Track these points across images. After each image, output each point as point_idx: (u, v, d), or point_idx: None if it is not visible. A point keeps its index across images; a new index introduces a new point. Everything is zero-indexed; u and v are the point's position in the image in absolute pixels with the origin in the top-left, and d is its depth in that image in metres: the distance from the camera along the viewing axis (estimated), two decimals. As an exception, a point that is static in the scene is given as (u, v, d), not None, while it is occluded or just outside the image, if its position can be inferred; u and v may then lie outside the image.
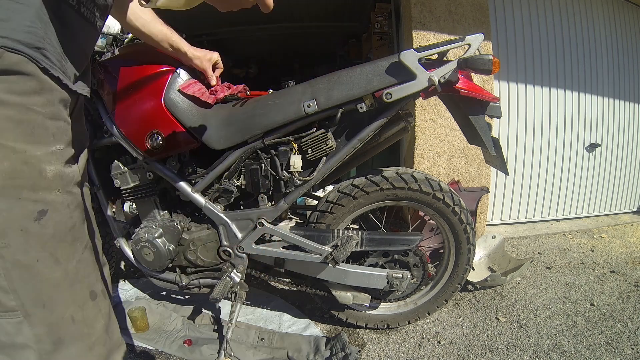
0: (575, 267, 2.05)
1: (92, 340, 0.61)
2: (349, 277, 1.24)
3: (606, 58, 2.73)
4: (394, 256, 1.29)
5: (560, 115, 2.66)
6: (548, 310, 1.60)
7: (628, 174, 2.99)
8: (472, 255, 1.37)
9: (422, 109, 2.11)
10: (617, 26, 2.75)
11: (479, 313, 1.58)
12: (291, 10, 3.37)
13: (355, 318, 1.43)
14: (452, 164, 2.19)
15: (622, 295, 1.72)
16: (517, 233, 2.59)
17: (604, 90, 2.75)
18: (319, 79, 1.10)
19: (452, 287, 1.41)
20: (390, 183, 1.22)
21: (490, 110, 1.09)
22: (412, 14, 2.01)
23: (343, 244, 1.16)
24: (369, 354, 1.34)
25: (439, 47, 1.03)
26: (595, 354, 1.31)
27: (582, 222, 2.82)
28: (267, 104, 1.11)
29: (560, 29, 2.58)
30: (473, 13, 2.08)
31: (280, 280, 1.39)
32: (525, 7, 2.50)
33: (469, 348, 1.36)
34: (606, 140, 2.83)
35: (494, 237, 1.97)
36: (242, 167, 1.17)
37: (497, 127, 2.51)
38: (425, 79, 1.02)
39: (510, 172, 2.60)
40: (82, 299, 0.60)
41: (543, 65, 2.56)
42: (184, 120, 1.14)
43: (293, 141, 1.12)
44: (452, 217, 1.29)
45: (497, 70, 0.96)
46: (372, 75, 1.05)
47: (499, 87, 2.47)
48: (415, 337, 1.43)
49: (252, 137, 1.13)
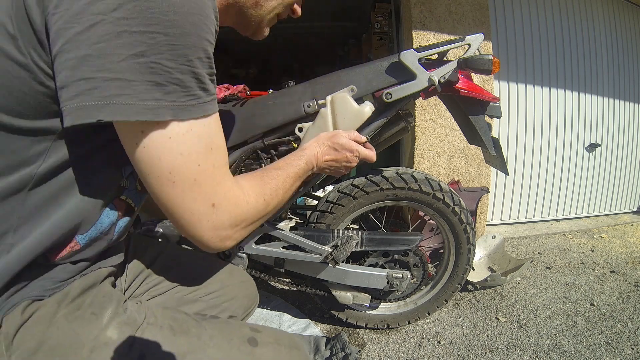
0: (575, 267, 2.05)
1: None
2: (349, 277, 1.24)
3: (606, 58, 2.73)
4: (394, 256, 1.29)
5: (560, 115, 2.66)
6: (548, 310, 1.60)
7: (628, 174, 2.99)
8: (472, 255, 1.37)
9: (422, 109, 2.11)
10: (617, 26, 2.75)
11: (479, 313, 1.58)
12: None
13: (355, 318, 1.43)
14: (452, 164, 2.19)
15: (622, 295, 1.72)
16: (517, 233, 2.59)
17: (604, 90, 2.75)
18: (319, 79, 1.10)
19: (452, 287, 1.41)
20: (390, 183, 1.22)
21: (490, 110, 1.09)
22: (412, 14, 2.01)
23: (343, 244, 1.16)
24: (369, 354, 1.34)
25: (439, 47, 1.03)
26: (595, 354, 1.31)
27: (582, 222, 2.82)
28: (267, 104, 1.11)
29: (560, 29, 2.58)
30: (473, 13, 2.08)
31: (280, 280, 1.39)
32: (525, 7, 2.50)
33: (469, 348, 1.36)
34: (606, 140, 2.83)
35: (494, 237, 1.97)
36: (242, 167, 1.17)
37: (497, 127, 2.51)
38: (425, 79, 1.02)
39: (510, 172, 2.60)
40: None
41: (543, 65, 2.56)
42: (184, 120, 1.13)
43: (293, 141, 1.12)
44: (452, 217, 1.29)
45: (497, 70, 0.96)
46: (372, 75, 1.05)
47: (499, 87, 2.47)
48: (415, 337, 1.43)
49: (252, 137, 1.12)
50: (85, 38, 0.35)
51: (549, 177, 2.74)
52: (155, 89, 0.37)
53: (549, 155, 2.69)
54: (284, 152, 1.13)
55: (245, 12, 0.57)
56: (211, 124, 0.43)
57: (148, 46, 0.36)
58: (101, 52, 0.35)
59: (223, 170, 0.45)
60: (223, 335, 0.56)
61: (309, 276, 1.28)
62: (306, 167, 0.71)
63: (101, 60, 0.35)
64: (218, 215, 0.44)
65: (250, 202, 0.49)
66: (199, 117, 0.41)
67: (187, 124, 0.40)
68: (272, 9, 0.59)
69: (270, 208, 0.55)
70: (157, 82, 0.37)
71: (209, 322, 0.58)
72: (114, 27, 0.34)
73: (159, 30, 0.36)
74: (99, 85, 0.35)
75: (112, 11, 0.34)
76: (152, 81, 0.37)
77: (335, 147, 0.79)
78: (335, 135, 0.82)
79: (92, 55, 0.35)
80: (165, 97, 0.38)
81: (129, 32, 0.35)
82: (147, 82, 0.36)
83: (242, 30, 0.62)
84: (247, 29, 0.61)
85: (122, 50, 0.35)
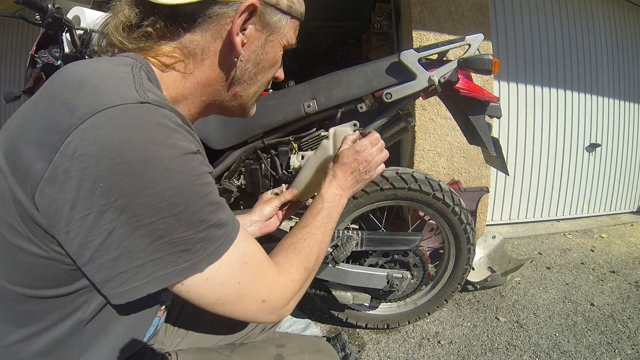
0: (575, 267, 2.05)
1: None
2: (349, 277, 1.24)
3: (606, 58, 2.73)
4: (394, 256, 1.29)
5: (560, 115, 2.66)
6: (548, 310, 1.60)
7: (628, 174, 2.99)
8: (472, 255, 1.37)
9: (422, 109, 2.11)
10: (617, 26, 2.75)
11: (479, 313, 1.58)
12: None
13: (355, 318, 1.43)
14: (452, 164, 2.19)
15: (622, 295, 1.72)
16: (517, 233, 2.59)
17: (604, 90, 2.75)
18: (319, 79, 1.10)
19: (452, 287, 1.41)
20: (390, 183, 1.22)
21: (490, 110, 1.09)
22: (412, 14, 2.01)
23: (343, 244, 1.16)
24: (369, 354, 1.34)
25: (439, 47, 1.03)
26: (595, 354, 1.31)
27: (582, 222, 2.82)
28: (267, 104, 1.11)
29: (560, 29, 2.58)
30: (473, 13, 2.08)
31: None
32: (526, 7, 2.50)
33: (469, 348, 1.36)
34: (606, 140, 2.83)
35: (494, 237, 1.97)
36: (242, 167, 1.17)
37: (497, 127, 2.51)
38: (425, 79, 1.02)
39: (510, 172, 2.60)
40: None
41: (543, 65, 2.56)
42: (184, 120, 1.14)
43: (293, 141, 1.12)
44: (452, 217, 1.29)
45: (497, 70, 0.96)
46: (372, 76, 1.05)
47: (499, 87, 2.47)
48: (415, 337, 1.43)
49: (252, 137, 1.13)
50: (109, 244, 0.39)
51: (549, 177, 2.74)
52: (185, 254, 0.42)
53: (549, 155, 2.69)
54: (284, 152, 1.13)
55: (226, 105, 0.59)
56: (238, 245, 0.47)
57: (163, 230, 0.40)
58: (127, 249, 0.39)
59: (262, 270, 0.49)
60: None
61: (309, 276, 1.28)
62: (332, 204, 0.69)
63: (131, 255, 0.40)
64: (271, 304, 0.49)
65: (295, 278, 0.53)
66: (227, 249, 0.45)
67: (218, 262, 0.44)
68: (254, 93, 0.60)
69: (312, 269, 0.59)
70: (183, 250, 0.41)
71: (238, 352, 0.64)
72: (129, 227, 0.39)
73: (166, 214, 0.40)
74: (137, 271, 0.40)
75: (120, 216, 0.38)
76: (179, 250, 0.41)
77: (344, 163, 0.75)
78: (337, 157, 0.79)
79: (121, 254, 0.39)
80: (195, 256, 0.42)
81: (143, 225, 0.39)
82: (175, 254, 0.41)
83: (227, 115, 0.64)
84: (232, 115, 0.63)
85: (144, 240, 0.40)
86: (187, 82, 0.52)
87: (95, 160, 0.37)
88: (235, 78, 0.55)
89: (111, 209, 0.38)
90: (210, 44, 0.51)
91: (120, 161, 0.38)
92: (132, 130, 0.39)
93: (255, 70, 0.57)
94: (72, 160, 0.37)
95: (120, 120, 0.39)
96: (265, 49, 0.56)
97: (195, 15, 0.48)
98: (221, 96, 0.57)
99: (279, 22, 0.55)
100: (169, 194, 0.40)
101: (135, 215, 0.39)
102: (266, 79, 0.60)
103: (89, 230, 0.38)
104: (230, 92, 0.57)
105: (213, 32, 0.50)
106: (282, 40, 0.57)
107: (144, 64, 0.47)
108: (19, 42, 3.32)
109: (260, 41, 0.54)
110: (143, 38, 0.49)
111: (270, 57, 0.57)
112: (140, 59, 0.48)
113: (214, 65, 0.52)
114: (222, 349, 0.67)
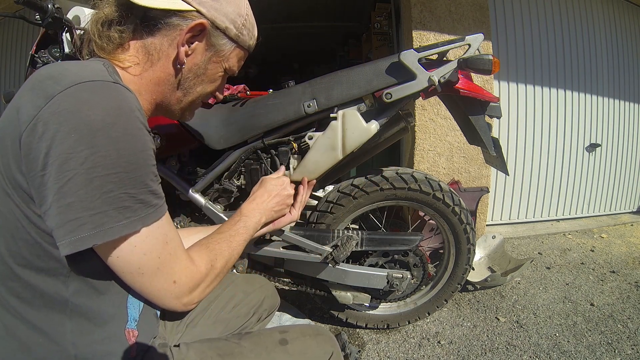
0: (575, 267, 2.05)
1: None
2: (349, 277, 1.24)
3: (606, 58, 2.73)
4: (394, 256, 1.29)
5: (560, 115, 2.66)
6: (548, 310, 1.60)
7: (628, 174, 2.99)
8: (472, 255, 1.37)
9: (422, 109, 2.11)
10: (617, 26, 2.75)
11: (479, 313, 1.58)
12: (291, 10, 3.37)
13: (355, 318, 1.43)
14: (452, 164, 2.19)
15: (622, 295, 1.72)
16: (517, 233, 2.59)
17: (604, 90, 2.75)
18: (318, 79, 1.10)
19: (452, 287, 1.41)
20: (390, 183, 1.22)
21: (490, 110, 1.09)
22: (412, 14, 2.01)
23: (343, 244, 1.16)
24: (369, 354, 1.34)
25: (439, 47, 1.03)
26: (595, 354, 1.31)
27: (582, 222, 2.82)
28: (267, 104, 1.11)
29: (560, 29, 2.58)
30: (473, 13, 2.08)
31: (280, 280, 1.39)
32: (526, 7, 2.50)
33: (469, 348, 1.36)
34: (606, 140, 2.83)
35: (494, 237, 1.97)
36: (242, 167, 1.17)
37: (497, 127, 2.51)
38: (425, 79, 1.02)
39: (510, 172, 2.60)
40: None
41: (543, 65, 2.56)
42: (184, 120, 1.14)
43: (293, 141, 1.12)
44: (452, 217, 1.29)
45: (497, 70, 0.96)
46: (372, 75, 1.05)
47: (499, 87, 2.47)
48: (415, 337, 1.43)
49: (252, 137, 1.12)
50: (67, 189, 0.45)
51: (549, 177, 2.74)
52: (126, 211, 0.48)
53: (549, 155, 2.69)
54: (284, 152, 1.13)
55: (169, 107, 0.68)
56: (164, 224, 0.54)
57: (114, 184, 0.47)
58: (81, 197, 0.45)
59: (178, 253, 0.57)
60: (259, 345, 0.70)
61: (309, 276, 1.28)
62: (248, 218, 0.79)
63: (82, 204, 0.45)
64: (179, 288, 0.56)
65: (202, 271, 0.60)
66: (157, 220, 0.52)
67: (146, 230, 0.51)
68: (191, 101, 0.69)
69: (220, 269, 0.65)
70: (126, 207, 0.48)
71: (245, 339, 0.72)
72: (87, 176, 0.45)
73: (120, 170, 0.47)
74: (86, 222, 0.46)
75: (82, 165, 0.45)
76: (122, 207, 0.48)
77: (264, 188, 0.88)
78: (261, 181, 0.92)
79: (74, 202, 0.45)
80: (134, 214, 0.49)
81: (99, 177, 0.46)
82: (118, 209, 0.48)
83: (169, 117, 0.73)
84: (173, 117, 0.73)
85: (96, 191, 0.46)
86: (142, 80, 0.61)
87: (72, 115, 0.45)
88: (179, 83, 0.64)
89: (75, 157, 0.44)
90: (165, 49, 0.60)
91: (95, 118, 0.45)
92: (108, 98, 0.48)
93: (195, 82, 0.66)
94: (51, 115, 0.44)
95: (98, 90, 0.48)
96: (207, 66, 0.65)
97: (159, 21, 0.58)
98: (168, 98, 0.65)
99: (224, 47, 0.64)
100: (126, 152, 0.48)
101: (95, 167, 0.45)
102: (204, 91, 0.69)
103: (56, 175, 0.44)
104: (174, 96, 0.66)
105: (169, 39, 0.59)
106: (224, 63, 0.66)
107: (110, 65, 0.57)
108: (19, 42, 3.32)
109: (204, 57, 0.64)
110: (110, 39, 0.58)
111: (210, 73, 0.66)
112: (105, 61, 0.57)
113: (165, 67, 0.61)
114: (230, 337, 0.73)
